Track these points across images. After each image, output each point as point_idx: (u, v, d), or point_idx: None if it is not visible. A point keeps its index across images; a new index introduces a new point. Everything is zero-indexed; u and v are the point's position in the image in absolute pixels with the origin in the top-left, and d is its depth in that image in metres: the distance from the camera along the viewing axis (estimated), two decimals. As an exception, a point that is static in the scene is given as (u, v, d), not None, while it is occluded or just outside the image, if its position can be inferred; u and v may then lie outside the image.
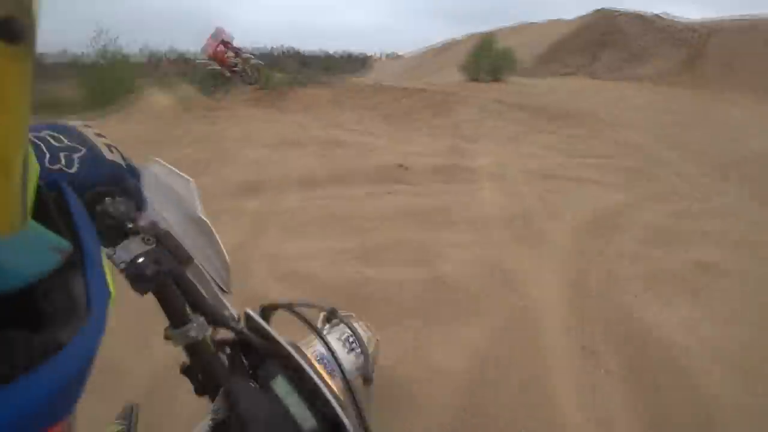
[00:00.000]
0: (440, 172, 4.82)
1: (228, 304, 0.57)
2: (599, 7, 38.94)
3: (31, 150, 0.20)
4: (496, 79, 18.83)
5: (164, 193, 0.58)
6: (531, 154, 5.98)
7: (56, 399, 0.17)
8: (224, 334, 0.56)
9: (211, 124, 7.75)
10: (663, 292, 2.71)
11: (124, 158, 0.47)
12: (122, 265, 0.44)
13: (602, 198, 4.31)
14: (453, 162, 5.23)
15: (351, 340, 0.95)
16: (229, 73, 9.64)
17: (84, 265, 0.24)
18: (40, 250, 0.20)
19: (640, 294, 2.67)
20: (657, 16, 36.75)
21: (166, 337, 0.52)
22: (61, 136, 0.42)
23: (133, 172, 0.48)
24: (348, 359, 0.94)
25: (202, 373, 0.55)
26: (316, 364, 0.57)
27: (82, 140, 0.43)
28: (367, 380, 0.99)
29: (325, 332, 0.95)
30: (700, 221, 3.83)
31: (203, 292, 0.54)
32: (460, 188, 4.37)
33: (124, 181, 0.45)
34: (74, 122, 0.46)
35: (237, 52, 9.63)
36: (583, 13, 41.68)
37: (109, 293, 0.25)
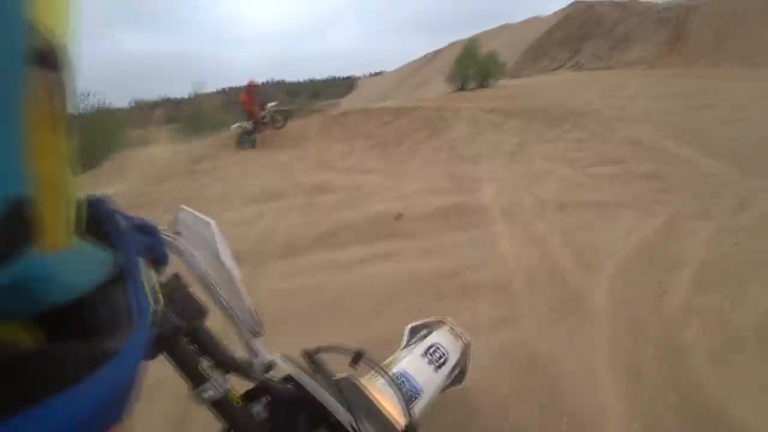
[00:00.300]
0: (444, 215, 4.12)
1: (262, 351, 0.55)
2: (574, 0, 39.03)
3: (73, 169, 0.20)
4: (484, 85, 18.37)
5: (194, 236, 0.57)
6: (538, 173, 5.32)
7: (111, 404, 0.18)
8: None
9: (192, 180, 7.17)
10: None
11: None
12: None
13: (635, 227, 3.60)
14: (456, 199, 4.55)
15: (438, 353, 0.86)
16: (261, 126, 9.98)
17: (126, 278, 0.25)
18: (88, 265, 0.21)
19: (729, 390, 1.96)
20: (634, 0, 36.53)
21: (192, 398, 0.50)
22: None
23: (148, 230, 0.46)
24: (433, 380, 0.83)
25: (233, 429, 0.52)
26: (376, 395, 0.56)
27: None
28: (454, 383, 0.93)
29: (411, 346, 0.90)
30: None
31: (224, 342, 0.54)
32: (469, 237, 3.67)
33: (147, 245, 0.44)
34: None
35: (263, 104, 10.10)
36: (560, 7, 41.89)
37: (149, 304, 0.26)
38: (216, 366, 0.50)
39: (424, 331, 0.96)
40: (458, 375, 0.99)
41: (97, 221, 0.27)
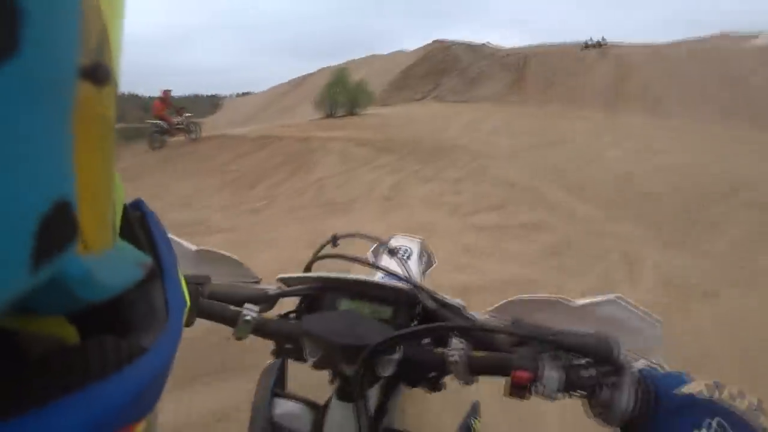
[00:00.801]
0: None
1: (264, 286, 0.61)
2: (435, 38, 41.88)
3: (117, 174, 0.22)
4: (353, 113, 17.86)
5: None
6: (421, 225, 4.51)
7: (142, 395, 0.19)
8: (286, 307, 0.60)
9: None
10: None
11: None
12: None
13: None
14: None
15: (402, 250, 0.94)
16: (175, 130, 10.07)
17: (163, 277, 0.26)
18: (127, 265, 0.22)
19: None
20: (484, 44, 40.50)
21: (237, 338, 0.55)
22: None
23: None
24: (410, 268, 0.86)
25: (276, 340, 0.57)
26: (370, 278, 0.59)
27: None
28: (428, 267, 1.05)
29: (379, 258, 0.95)
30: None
31: (237, 291, 0.58)
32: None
33: None
34: None
35: (180, 110, 10.37)
36: (422, 43, 44.65)
37: (185, 303, 0.27)
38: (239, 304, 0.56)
39: (384, 243, 0.87)
40: (428, 260, 1.04)
41: (136, 222, 0.28)
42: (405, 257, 0.99)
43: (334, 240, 0.72)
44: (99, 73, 0.17)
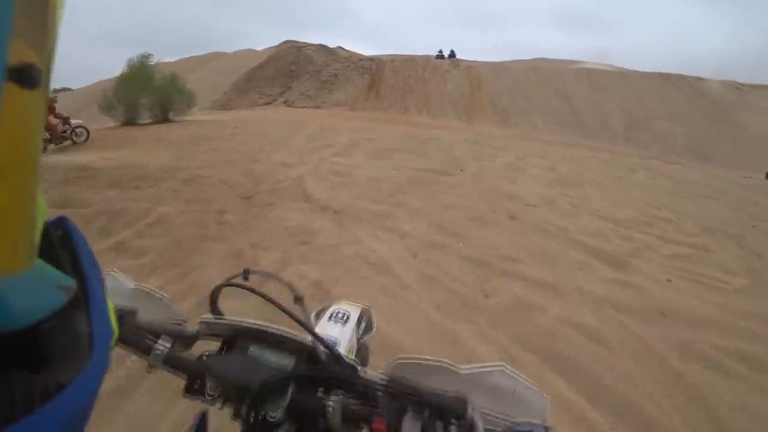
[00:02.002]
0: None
1: (187, 327, 0.57)
2: (287, 39, 37.76)
3: (40, 188, 0.19)
4: (166, 119, 12.92)
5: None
6: None
7: None
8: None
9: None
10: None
11: None
12: None
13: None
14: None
15: (340, 314, 0.87)
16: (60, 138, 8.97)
17: (88, 303, 0.23)
18: (46, 289, 0.19)
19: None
20: (340, 47, 37.60)
21: (149, 367, 0.53)
22: None
23: None
24: (344, 332, 0.83)
25: (185, 375, 0.54)
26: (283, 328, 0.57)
27: None
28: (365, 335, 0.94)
29: (318, 321, 0.89)
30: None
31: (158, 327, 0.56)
32: None
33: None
34: None
35: (66, 119, 9.24)
36: (273, 44, 40.17)
37: (112, 331, 0.25)
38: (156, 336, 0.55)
39: (324, 309, 0.92)
40: (367, 326, 0.95)
41: (58, 242, 0.24)
42: (342, 320, 0.87)
43: (245, 274, 0.62)
44: (28, 76, 0.15)
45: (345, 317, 0.90)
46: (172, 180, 4.85)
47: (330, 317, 0.85)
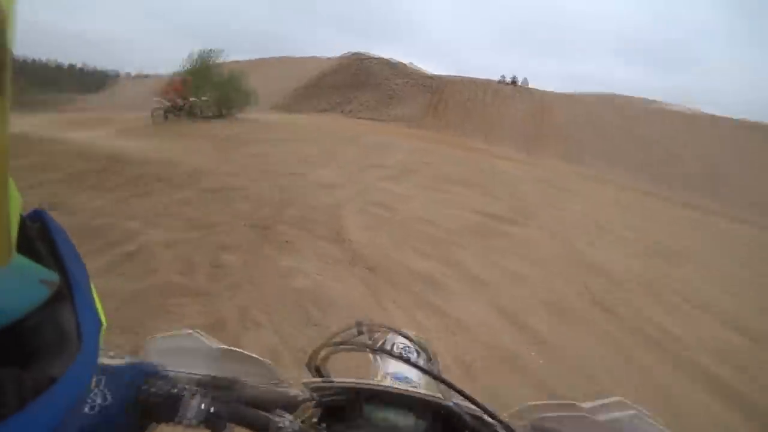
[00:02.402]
0: None
1: (291, 390, 0.53)
2: (353, 50, 37.89)
3: (11, 181, 0.18)
4: (221, 114, 12.65)
5: (178, 356, 0.55)
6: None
7: (57, 428, 0.17)
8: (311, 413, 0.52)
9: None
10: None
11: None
12: (194, 422, 0.44)
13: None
14: None
15: (405, 348, 0.79)
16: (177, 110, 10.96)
17: (73, 295, 0.22)
18: (27, 283, 0.19)
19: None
20: (404, 63, 37.23)
21: None
22: None
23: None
24: (406, 366, 0.69)
25: None
26: (396, 383, 0.56)
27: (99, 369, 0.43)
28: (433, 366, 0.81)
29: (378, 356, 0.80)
30: None
31: (266, 395, 0.53)
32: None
33: (144, 370, 0.46)
34: None
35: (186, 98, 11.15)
36: (340, 53, 40.42)
37: (100, 322, 0.24)
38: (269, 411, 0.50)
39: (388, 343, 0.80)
40: (434, 358, 0.84)
41: (36, 235, 0.24)
42: (411, 356, 0.79)
43: (359, 328, 0.65)
44: None
45: (411, 354, 0.80)
46: (193, 188, 4.15)
47: (399, 355, 0.70)
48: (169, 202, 3.62)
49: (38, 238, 0.23)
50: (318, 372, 0.59)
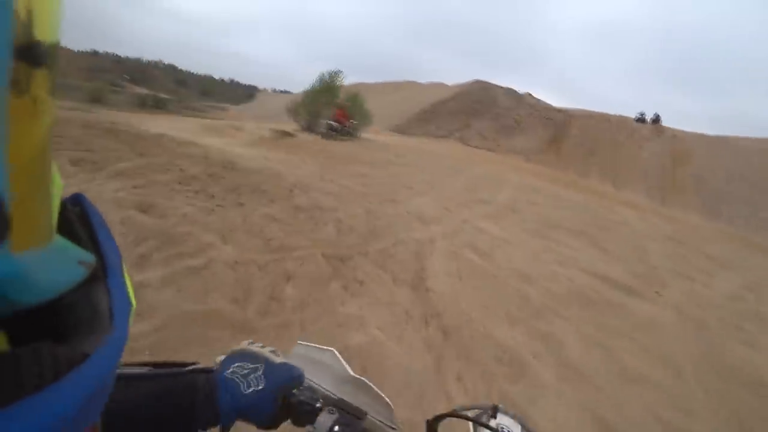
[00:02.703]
0: None
1: None
2: (477, 78, 37.53)
3: (54, 165, 0.19)
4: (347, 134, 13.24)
5: (313, 366, 0.61)
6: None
7: (83, 406, 0.18)
8: None
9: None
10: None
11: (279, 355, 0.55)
12: None
13: None
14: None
15: (506, 429, 0.71)
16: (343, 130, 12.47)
17: (107, 277, 0.23)
18: (66, 264, 0.20)
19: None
20: (528, 93, 35.72)
21: None
22: (244, 363, 0.50)
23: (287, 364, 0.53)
24: None
25: None
26: None
27: (256, 358, 0.51)
28: None
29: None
30: None
31: None
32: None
33: (297, 375, 0.51)
34: (244, 345, 0.53)
35: (349, 118, 12.91)
36: (463, 80, 40.39)
37: (130, 305, 0.25)
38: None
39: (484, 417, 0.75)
40: None
41: (76, 219, 0.25)
42: None
43: (495, 411, 0.65)
44: (35, 54, 0.15)
45: None
46: (285, 202, 4.15)
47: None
48: (254, 216, 3.61)
49: (77, 221, 0.24)
50: (432, 429, 0.59)
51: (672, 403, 2.35)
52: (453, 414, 0.63)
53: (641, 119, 30.59)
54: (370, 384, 0.58)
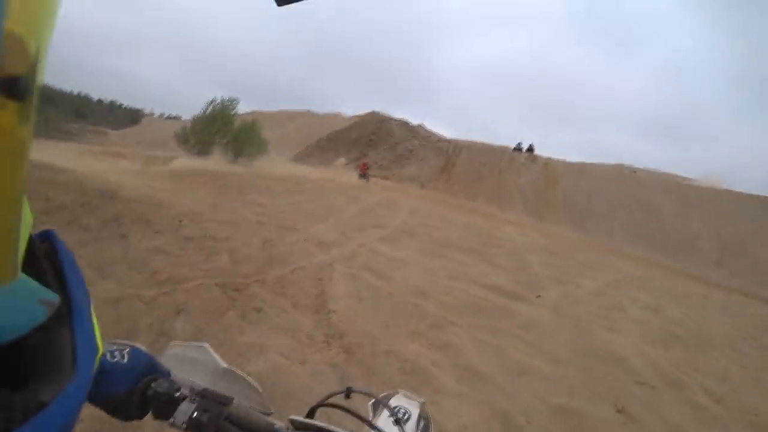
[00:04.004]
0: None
1: (275, 422, 0.55)
2: (373, 109, 39.18)
3: (25, 201, 0.18)
4: (234, 161, 12.71)
5: (186, 364, 0.60)
6: None
7: None
8: None
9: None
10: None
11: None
12: (184, 425, 0.47)
13: None
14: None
15: (401, 412, 0.80)
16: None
17: (72, 318, 0.22)
18: (27, 303, 0.19)
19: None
20: (420, 125, 38.20)
21: None
22: (115, 341, 0.49)
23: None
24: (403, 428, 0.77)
25: None
26: None
27: (127, 344, 0.50)
28: None
29: (376, 416, 0.81)
30: None
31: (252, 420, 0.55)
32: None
33: (161, 368, 0.51)
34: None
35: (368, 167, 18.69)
36: (360, 112, 41.87)
37: (96, 349, 0.24)
38: None
39: (384, 401, 0.81)
40: (425, 426, 0.86)
41: (43, 255, 0.24)
42: (404, 419, 0.81)
43: (348, 392, 0.68)
44: (16, 87, 0.15)
45: (406, 416, 0.82)
46: (172, 234, 3.81)
47: (390, 414, 0.77)
48: (138, 248, 3.26)
49: (45, 258, 0.23)
50: (310, 415, 0.60)
51: (556, 388, 2.60)
52: (351, 391, 0.65)
53: (518, 148, 34.53)
54: (242, 374, 0.59)
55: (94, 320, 0.24)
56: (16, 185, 0.16)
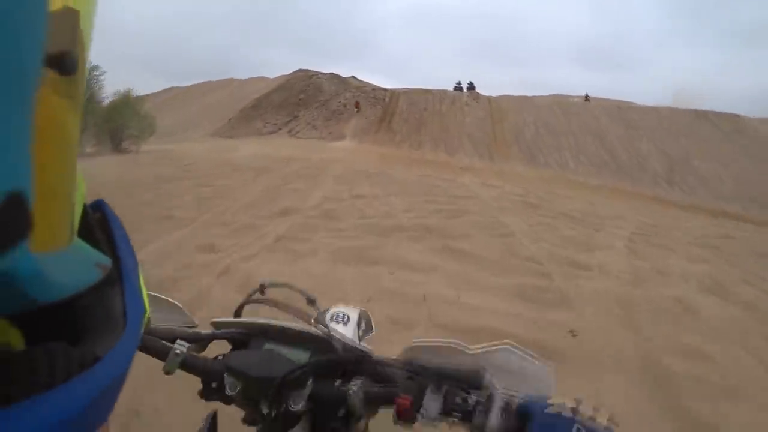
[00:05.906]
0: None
1: (203, 331, 0.59)
2: (301, 68, 35.67)
3: (79, 170, 0.20)
4: (116, 150, 10.02)
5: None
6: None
7: (92, 407, 0.18)
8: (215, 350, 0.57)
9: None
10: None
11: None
12: None
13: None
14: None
15: (340, 316, 0.88)
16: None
17: (122, 281, 0.24)
18: (84, 265, 0.20)
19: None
20: (352, 77, 35.21)
21: (166, 372, 0.54)
22: None
23: None
24: (346, 331, 0.83)
25: (201, 376, 0.55)
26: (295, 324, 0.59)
27: None
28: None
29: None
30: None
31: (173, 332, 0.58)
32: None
33: None
34: None
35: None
36: (287, 72, 38.10)
37: (144, 309, 0.26)
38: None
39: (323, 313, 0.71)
40: (366, 327, 0.94)
41: (96, 224, 0.25)
42: (343, 321, 0.88)
43: (262, 289, 0.65)
44: (65, 62, 0.16)
45: (345, 318, 0.89)
46: None
47: (331, 319, 0.83)
48: None
49: (98, 226, 0.24)
50: (237, 316, 0.61)
51: None
52: (285, 284, 0.61)
53: (458, 88, 32.71)
54: (164, 297, 0.61)
55: (142, 283, 0.26)
56: (73, 154, 0.17)
